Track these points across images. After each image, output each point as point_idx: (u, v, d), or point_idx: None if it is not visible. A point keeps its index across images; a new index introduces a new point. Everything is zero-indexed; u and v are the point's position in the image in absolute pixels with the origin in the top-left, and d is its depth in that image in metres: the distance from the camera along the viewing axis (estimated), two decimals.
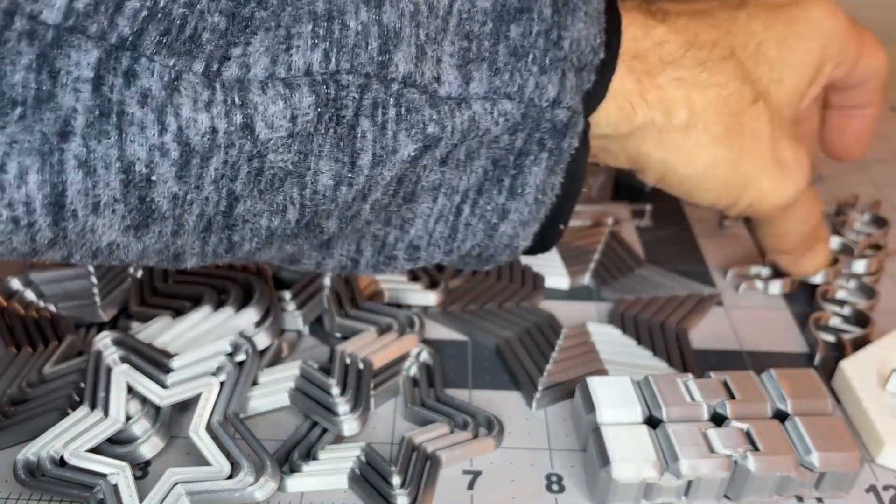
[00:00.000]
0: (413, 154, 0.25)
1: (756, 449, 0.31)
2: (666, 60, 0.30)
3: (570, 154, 0.28)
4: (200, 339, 0.37)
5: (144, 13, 0.20)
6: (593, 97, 0.28)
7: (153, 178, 0.21)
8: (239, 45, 0.22)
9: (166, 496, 0.31)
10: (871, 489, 0.33)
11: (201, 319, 0.37)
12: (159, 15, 0.20)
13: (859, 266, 0.46)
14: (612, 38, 0.28)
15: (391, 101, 0.24)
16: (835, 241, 0.48)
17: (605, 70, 0.28)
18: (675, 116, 0.30)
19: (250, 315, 0.37)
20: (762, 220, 0.37)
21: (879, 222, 0.50)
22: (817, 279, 0.44)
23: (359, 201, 0.26)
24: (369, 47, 0.23)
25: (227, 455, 0.32)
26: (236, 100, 0.21)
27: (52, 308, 0.40)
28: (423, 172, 0.27)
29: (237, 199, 0.24)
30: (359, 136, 0.24)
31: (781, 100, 0.33)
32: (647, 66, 0.30)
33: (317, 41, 0.22)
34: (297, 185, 0.24)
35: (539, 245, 0.31)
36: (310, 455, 0.33)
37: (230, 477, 0.31)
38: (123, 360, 0.35)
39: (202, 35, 0.21)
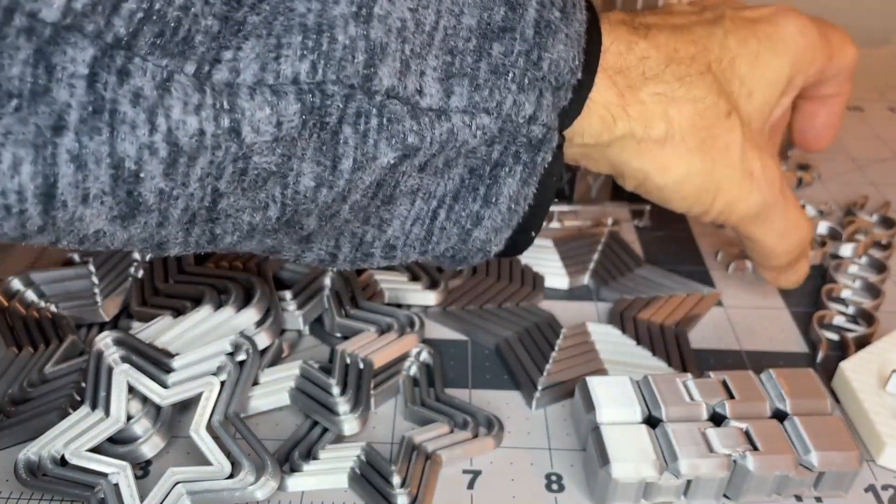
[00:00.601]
0: (392, 161, 0.26)
1: (755, 448, 0.31)
2: (647, 76, 0.31)
3: (544, 167, 0.30)
4: (201, 339, 0.37)
5: (140, 15, 0.21)
6: (569, 113, 0.30)
7: (141, 174, 0.22)
8: (230, 48, 0.22)
9: (167, 496, 0.31)
10: (870, 489, 0.33)
11: (202, 319, 0.37)
12: (154, 17, 0.21)
13: (846, 250, 0.47)
14: (591, 58, 0.29)
15: (374, 111, 0.25)
16: (823, 226, 0.49)
17: (583, 88, 0.29)
18: (654, 129, 0.32)
19: (251, 315, 0.37)
20: (744, 235, 0.39)
21: (888, 223, 0.50)
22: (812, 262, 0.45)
23: (338, 202, 0.27)
24: (356, 61, 0.23)
25: (228, 454, 0.32)
26: (225, 104, 0.22)
27: (53, 308, 0.41)
28: (401, 178, 0.27)
29: (221, 195, 0.24)
30: (341, 142, 0.25)
31: (751, 112, 0.35)
32: (629, 81, 0.31)
33: (305, 52, 0.23)
34: (279, 184, 0.25)
35: (511, 249, 0.32)
36: (310, 454, 0.33)
37: (231, 476, 0.31)
38: (124, 359, 0.35)
39: (195, 37, 0.22)
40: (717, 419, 0.33)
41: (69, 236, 0.23)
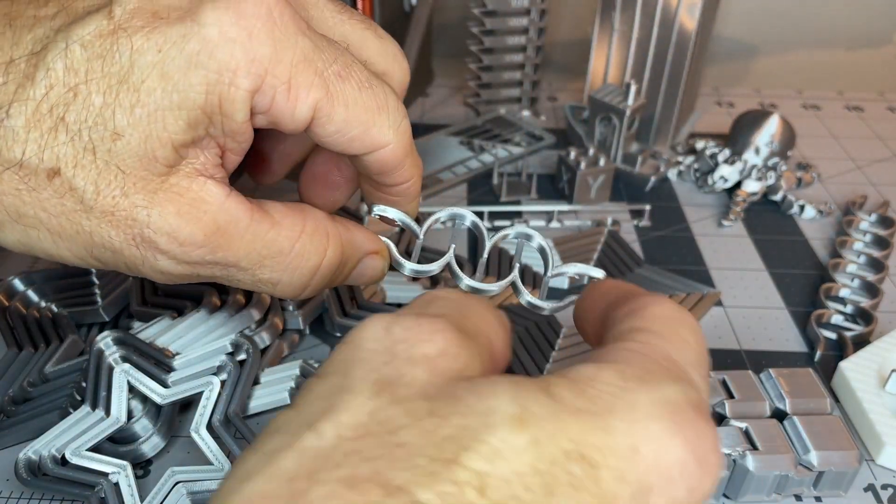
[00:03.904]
0: None
1: (755, 448, 0.31)
2: None
3: None
4: (201, 339, 0.37)
5: None
6: None
7: None
8: None
9: (167, 495, 0.31)
10: (870, 488, 0.33)
11: (202, 318, 0.37)
12: None
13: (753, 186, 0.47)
14: None
15: None
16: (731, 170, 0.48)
17: None
18: None
19: (251, 314, 0.37)
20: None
21: (886, 223, 0.50)
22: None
23: None
24: None
25: (228, 454, 0.32)
26: None
27: (54, 308, 0.41)
28: None
29: None
30: None
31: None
32: None
33: None
34: None
35: None
36: None
37: None
38: (125, 359, 0.35)
39: None
40: (716, 419, 0.33)
41: None
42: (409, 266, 0.30)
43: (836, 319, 0.42)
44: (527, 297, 0.30)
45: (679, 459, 0.16)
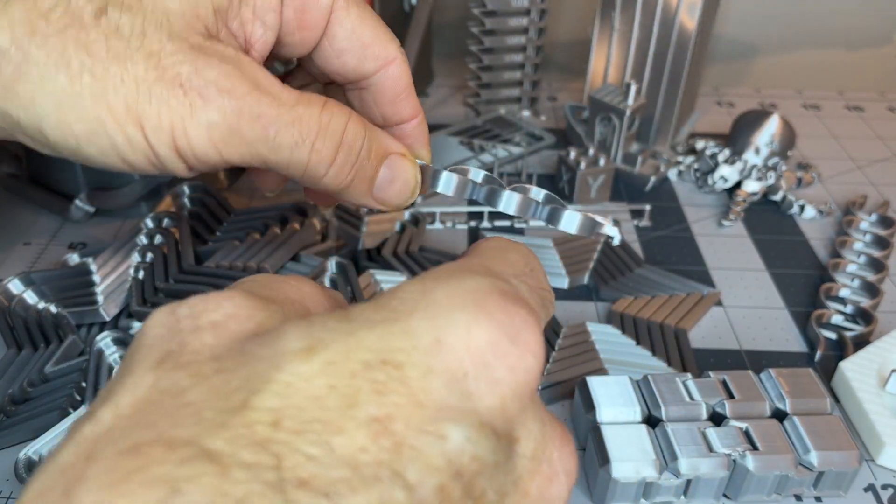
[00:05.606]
0: None
1: (755, 448, 0.31)
2: None
3: None
4: None
5: None
6: None
7: None
8: None
9: None
10: (870, 488, 0.33)
11: None
12: None
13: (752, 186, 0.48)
14: None
15: None
16: (731, 171, 0.48)
17: None
18: None
19: None
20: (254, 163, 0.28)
21: (886, 223, 0.50)
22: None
23: None
24: None
25: None
26: None
27: (54, 308, 0.41)
28: None
29: None
30: None
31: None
32: None
33: None
34: None
35: None
36: None
37: None
38: None
39: None
40: (716, 419, 0.33)
41: None
42: (445, 173, 0.29)
43: (837, 319, 0.42)
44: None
45: (489, 341, 0.16)
